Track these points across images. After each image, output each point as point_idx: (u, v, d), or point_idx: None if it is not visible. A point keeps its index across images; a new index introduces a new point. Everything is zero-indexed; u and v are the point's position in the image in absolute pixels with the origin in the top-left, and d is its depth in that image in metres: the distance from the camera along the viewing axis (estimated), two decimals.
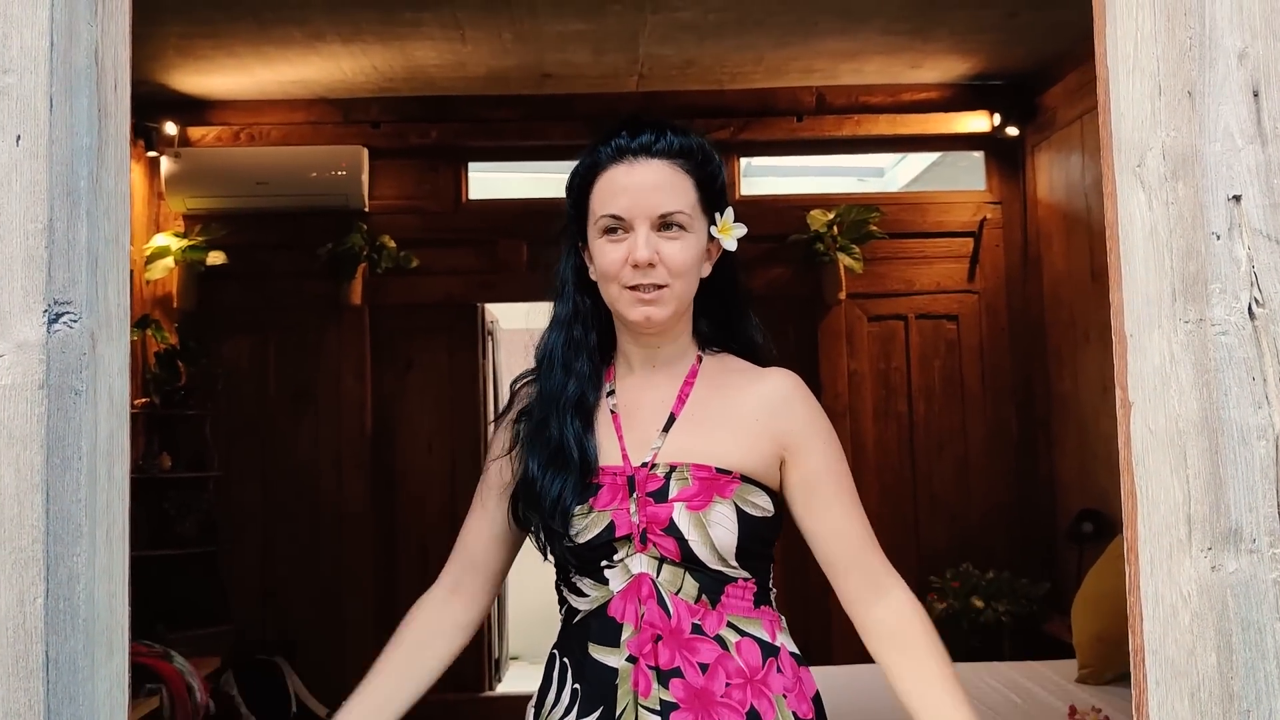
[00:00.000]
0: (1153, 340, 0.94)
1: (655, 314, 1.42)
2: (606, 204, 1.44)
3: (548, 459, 1.43)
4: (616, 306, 1.45)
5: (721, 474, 1.40)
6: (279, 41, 4.18)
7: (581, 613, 1.44)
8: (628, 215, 1.42)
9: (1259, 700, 0.88)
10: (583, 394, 1.46)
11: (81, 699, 0.88)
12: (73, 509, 0.88)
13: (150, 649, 3.70)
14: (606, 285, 1.45)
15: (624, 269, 1.41)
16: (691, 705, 1.35)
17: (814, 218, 4.85)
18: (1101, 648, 3.63)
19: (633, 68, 4.55)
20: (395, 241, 4.86)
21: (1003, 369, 5.05)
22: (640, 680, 1.36)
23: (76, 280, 0.90)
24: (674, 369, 1.49)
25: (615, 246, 1.42)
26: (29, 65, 0.90)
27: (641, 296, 1.41)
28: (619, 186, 1.43)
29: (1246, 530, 0.89)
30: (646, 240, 1.40)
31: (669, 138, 1.45)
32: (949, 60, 4.63)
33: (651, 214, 1.42)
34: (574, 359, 1.48)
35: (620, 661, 1.38)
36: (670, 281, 1.41)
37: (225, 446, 4.84)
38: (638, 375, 1.50)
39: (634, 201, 1.42)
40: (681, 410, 1.46)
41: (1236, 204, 0.92)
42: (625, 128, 1.46)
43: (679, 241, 1.42)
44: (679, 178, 1.44)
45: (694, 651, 1.38)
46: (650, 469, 1.41)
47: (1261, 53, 0.93)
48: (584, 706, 1.39)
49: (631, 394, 1.49)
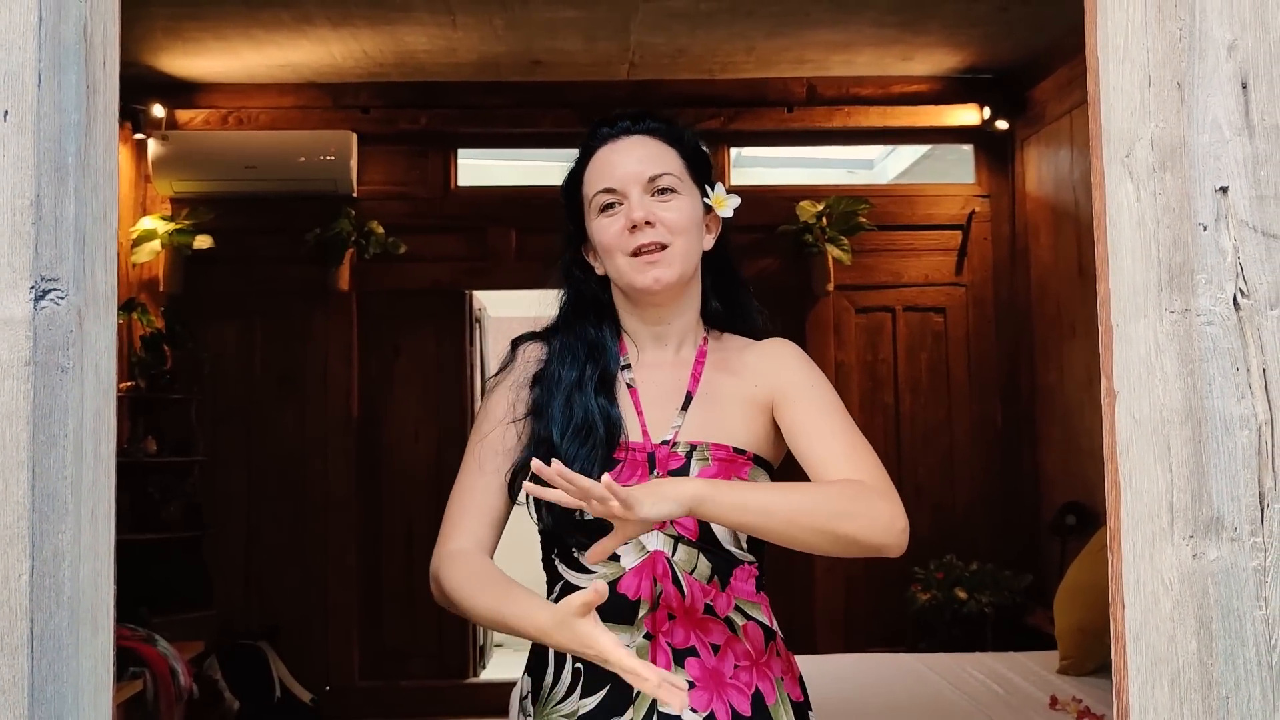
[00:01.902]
0: (1138, 330, 0.95)
1: (663, 275, 1.43)
2: (597, 181, 1.48)
3: (572, 432, 1.43)
4: (625, 278, 1.46)
5: (738, 454, 1.42)
6: (268, 25, 4.16)
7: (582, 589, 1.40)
8: (619, 185, 1.46)
9: (1237, 686, 0.89)
10: (604, 369, 1.48)
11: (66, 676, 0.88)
12: (58, 486, 0.88)
13: (134, 633, 3.69)
14: (612, 260, 1.47)
15: (623, 236, 1.44)
16: (706, 684, 1.36)
17: (803, 209, 4.85)
18: (1083, 639, 3.65)
19: (624, 56, 4.54)
20: (383, 227, 4.85)
21: (989, 362, 5.07)
22: (659, 657, 1.36)
23: (64, 257, 0.89)
24: (685, 348, 1.52)
25: (613, 220, 1.46)
26: (17, 40, 0.89)
27: (646, 259, 1.43)
28: (606, 163, 1.48)
29: (1228, 519, 0.90)
30: (640, 201, 1.44)
31: (647, 120, 1.51)
32: (940, 53, 4.64)
33: (641, 178, 1.45)
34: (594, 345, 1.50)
35: (636, 639, 1.37)
36: (671, 239, 1.44)
37: (211, 431, 4.83)
38: (648, 354, 1.52)
39: (623, 170, 1.46)
40: (697, 389, 1.48)
41: (1223, 195, 0.93)
42: (604, 120, 1.52)
43: (673, 203, 1.46)
44: (662, 148, 1.49)
45: (706, 632, 1.39)
46: (671, 447, 1.43)
47: (1250, 45, 0.93)
48: (589, 686, 1.38)
49: (646, 371, 1.50)
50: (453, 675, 4.96)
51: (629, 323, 1.53)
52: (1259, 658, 0.89)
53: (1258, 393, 0.91)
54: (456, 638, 4.98)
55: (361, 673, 4.89)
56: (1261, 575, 0.90)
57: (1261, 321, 0.91)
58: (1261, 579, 0.90)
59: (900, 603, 4.66)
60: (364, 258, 4.87)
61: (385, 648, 4.91)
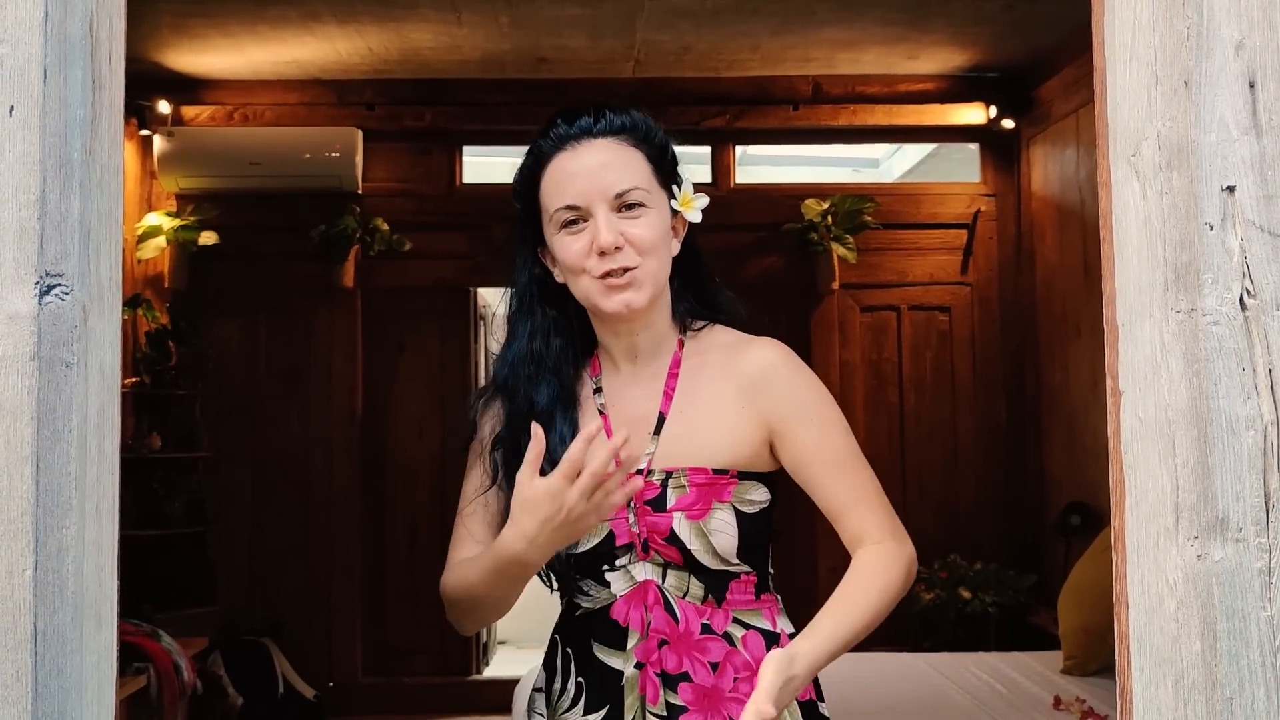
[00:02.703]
0: (1144, 330, 0.94)
1: (633, 299, 1.34)
2: (558, 196, 1.36)
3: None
4: (590, 300, 1.36)
5: (718, 475, 1.36)
6: (274, 21, 4.16)
7: (583, 609, 1.41)
8: (583, 202, 1.34)
9: (1241, 688, 0.89)
10: (554, 407, 1.39)
11: (70, 671, 0.88)
12: (62, 482, 0.88)
13: (138, 628, 3.70)
14: (575, 280, 1.36)
15: (589, 258, 1.33)
16: (700, 706, 1.34)
17: (808, 207, 4.85)
18: (1087, 639, 3.65)
19: (629, 53, 4.54)
20: (388, 224, 4.85)
21: (994, 361, 5.07)
22: (648, 687, 1.34)
23: (69, 252, 0.89)
24: (656, 361, 1.42)
25: (576, 238, 1.34)
26: (23, 35, 0.89)
27: (613, 283, 1.33)
28: (566, 173, 1.35)
29: (1233, 519, 0.90)
30: (608, 223, 1.33)
31: (608, 117, 1.37)
32: (946, 52, 4.63)
33: (607, 194, 1.34)
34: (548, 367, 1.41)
35: (627, 667, 1.35)
36: (640, 261, 1.33)
37: (215, 427, 4.84)
38: (622, 371, 1.43)
39: (587, 185, 1.34)
40: (670, 408, 1.40)
41: (1230, 195, 0.92)
42: (560, 116, 1.39)
43: (642, 219, 1.34)
44: (628, 153, 1.37)
45: (704, 651, 1.36)
46: (646, 476, 1.36)
47: (1259, 44, 0.93)
48: (590, 703, 1.37)
49: (618, 392, 1.43)
50: (455, 672, 4.97)
51: (600, 333, 1.43)
52: (1263, 659, 0.89)
53: (1264, 393, 0.90)
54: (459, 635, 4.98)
55: (364, 669, 4.90)
56: (1267, 576, 0.89)
57: (1268, 321, 0.91)
58: (1266, 580, 0.89)
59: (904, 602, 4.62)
60: (368, 255, 4.88)
61: (388, 644, 4.91)
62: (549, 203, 1.37)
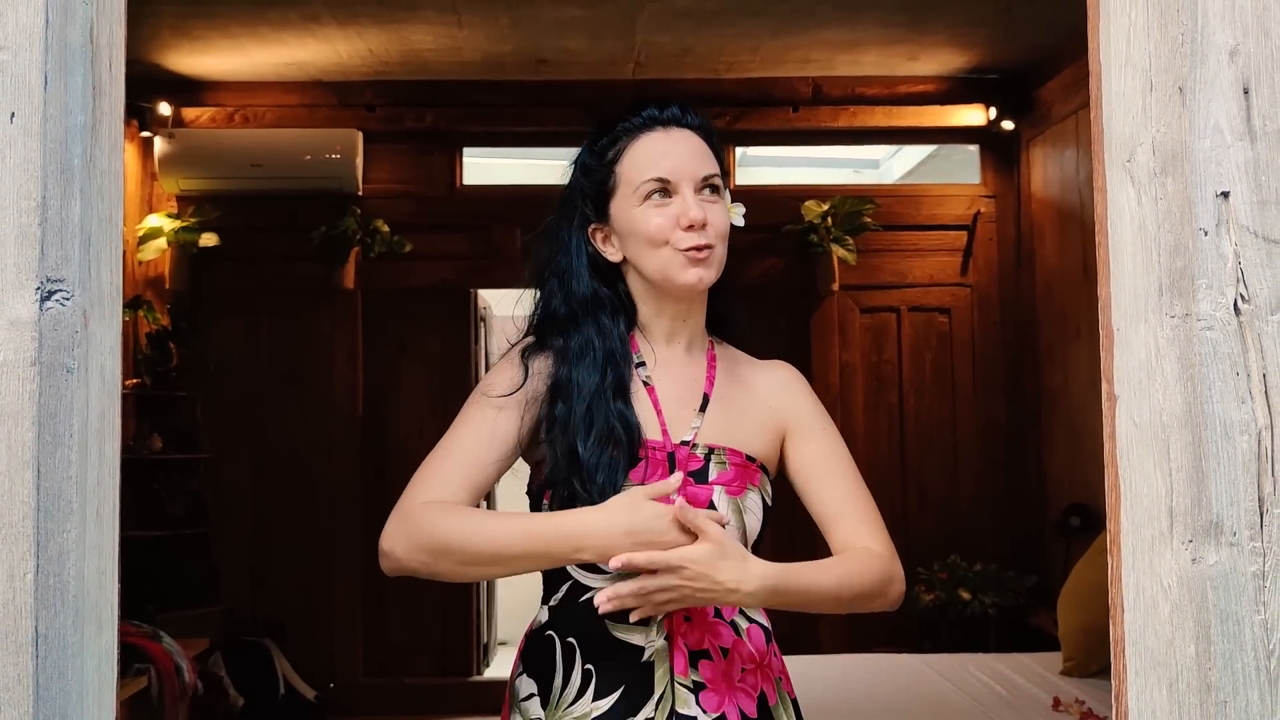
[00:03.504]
0: (1139, 334, 0.95)
1: (706, 275, 1.43)
2: (648, 169, 1.43)
3: (595, 440, 1.40)
4: (667, 271, 1.42)
5: (750, 462, 1.44)
6: (275, 23, 4.17)
7: (594, 590, 1.38)
8: (674, 177, 1.42)
9: (1235, 691, 0.89)
10: (621, 376, 1.45)
11: (70, 674, 0.88)
12: (63, 486, 0.89)
13: (139, 629, 3.70)
14: (654, 251, 1.42)
15: (675, 232, 1.41)
16: (717, 686, 1.38)
17: (808, 208, 4.85)
18: (1086, 640, 3.65)
19: (629, 55, 4.54)
20: (389, 226, 4.86)
21: (994, 363, 5.07)
22: (678, 659, 1.37)
23: (69, 258, 0.90)
24: (695, 350, 1.51)
25: (661, 210, 1.42)
26: (24, 42, 0.90)
27: (695, 257, 1.41)
28: (659, 151, 1.44)
29: (1227, 523, 0.90)
30: (695, 201, 1.42)
31: (692, 113, 1.49)
32: (946, 53, 4.63)
33: (696, 176, 1.43)
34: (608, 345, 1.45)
35: (657, 640, 1.37)
36: (716, 243, 1.43)
37: (216, 428, 4.84)
38: (662, 351, 1.49)
39: (679, 164, 1.43)
40: (713, 392, 1.49)
41: (1225, 200, 0.93)
42: (650, 102, 1.48)
43: (718, 205, 1.45)
44: (705, 148, 1.47)
45: (716, 635, 1.40)
46: (691, 448, 1.43)
47: (1252, 50, 0.94)
48: (602, 687, 1.37)
49: (662, 369, 1.48)
50: (456, 673, 4.98)
51: (646, 315, 1.49)
52: (1257, 662, 0.89)
53: (1258, 398, 0.91)
54: (460, 635, 4.99)
55: (365, 670, 4.91)
56: (1260, 580, 0.90)
57: (1262, 327, 0.91)
58: (1260, 584, 0.90)
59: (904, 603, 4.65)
60: (369, 256, 4.88)
61: (389, 645, 4.92)
62: (635, 175, 1.44)
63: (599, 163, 1.47)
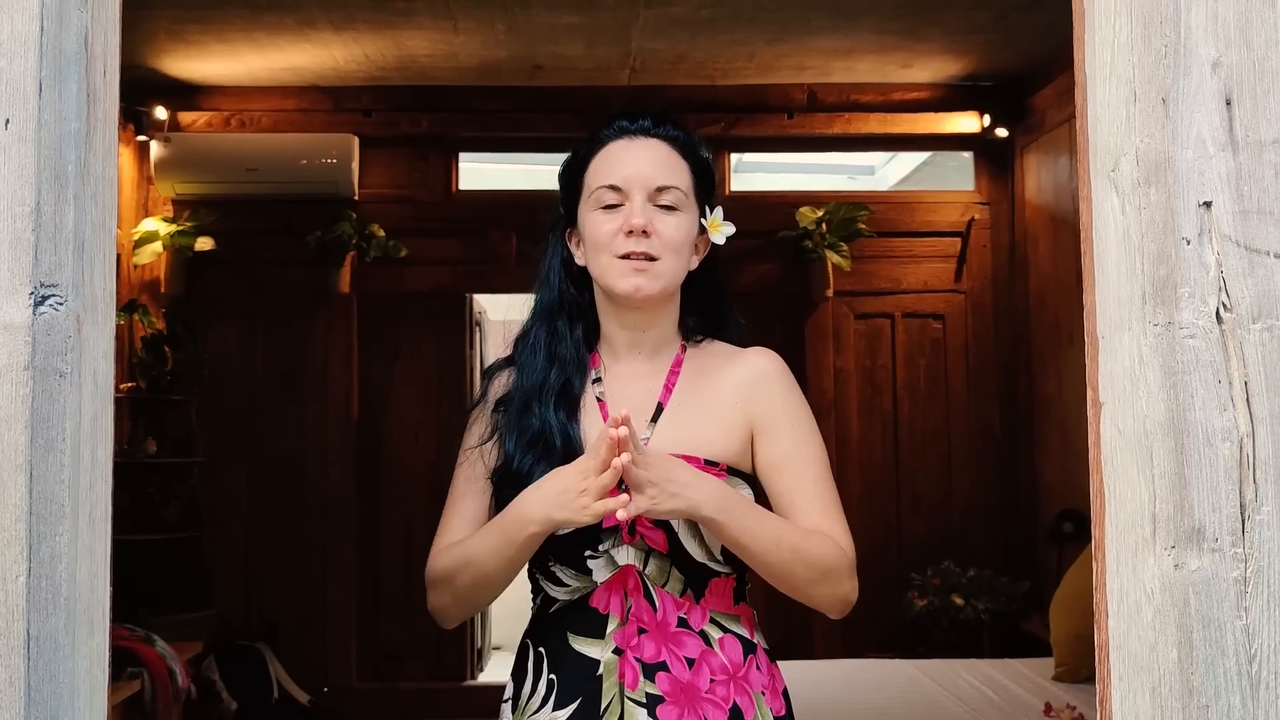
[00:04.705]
0: (1123, 342, 0.96)
1: (645, 285, 1.41)
2: (603, 174, 1.45)
3: (528, 445, 1.42)
4: (606, 278, 1.43)
5: (709, 466, 1.40)
6: (271, 28, 4.18)
7: (559, 602, 1.43)
8: (625, 185, 1.43)
9: (1217, 695, 0.90)
10: (566, 381, 1.45)
11: (62, 676, 0.89)
12: (56, 490, 0.89)
13: (132, 633, 3.70)
14: (597, 256, 1.44)
15: (616, 238, 1.41)
16: (677, 699, 1.35)
17: (803, 215, 4.86)
18: (1078, 646, 3.66)
19: (625, 61, 4.56)
20: (384, 230, 4.87)
21: (987, 369, 5.08)
22: (627, 672, 1.36)
23: (63, 264, 0.91)
24: (659, 357, 1.49)
25: (609, 217, 1.43)
26: (19, 49, 0.91)
27: (634, 265, 1.41)
28: (617, 159, 1.45)
29: (1209, 530, 0.91)
30: (642, 208, 1.42)
31: (667, 125, 1.49)
32: (940, 60, 4.65)
33: (649, 185, 1.43)
34: (557, 346, 1.47)
35: (605, 654, 1.37)
36: (662, 254, 1.42)
37: (211, 432, 4.84)
38: (623, 363, 1.49)
39: (633, 172, 1.44)
40: (669, 400, 1.46)
41: (1207, 210, 0.94)
42: (625, 113, 1.49)
43: (673, 218, 1.43)
44: (675, 159, 1.47)
45: (680, 645, 1.38)
46: None
47: (1235, 62, 0.95)
48: (561, 698, 1.38)
49: (618, 383, 1.47)
50: (450, 677, 4.97)
51: (606, 324, 1.50)
52: (1239, 667, 0.90)
53: (1239, 405, 0.92)
54: (454, 640, 4.99)
55: (359, 674, 4.90)
56: (1242, 586, 0.91)
57: (1244, 335, 0.92)
58: (1242, 589, 0.91)
59: (897, 608, 4.67)
60: (365, 260, 4.89)
61: (383, 649, 4.92)
62: (592, 180, 1.46)
63: (572, 168, 1.51)
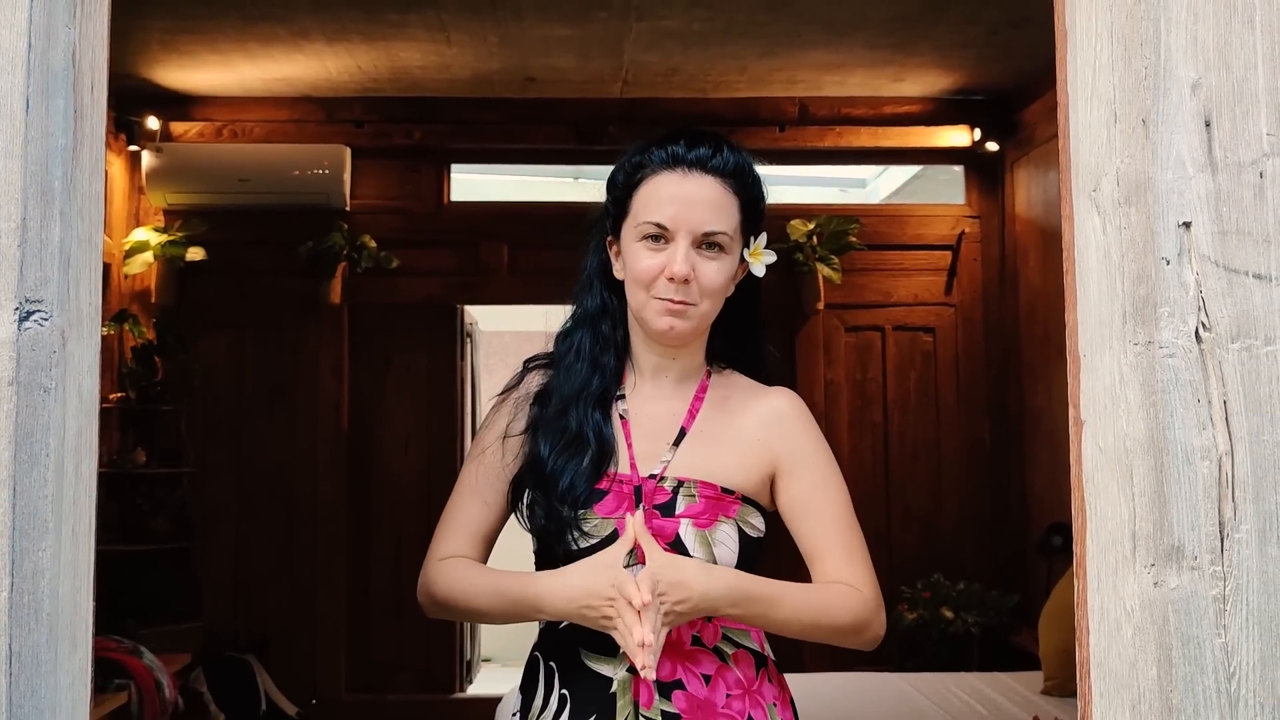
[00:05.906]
0: (1104, 361, 0.97)
1: (680, 326, 1.42)
2: (652, 210, 1.42)
3: (562, 445, 1.42)
4: (642, 313, 1.44)
5: (726, 494, 1.42)
6: (263, 38, 4.18)
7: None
8: (672, 226, 1.41)
9: (1196, 713, 0.91)
10: (606, 389, 1.46)
11: (44, 692, 0.89)
12: (39, 505, 0.89)
13: (120, 644, 3.69)
14: (635, 291, 1.44)
15: (658, 280, 1.40)
16: (694, 716, 1.36)
17: (794, 227, 4.88)
18: (1067, 660, 3.66)
19: (617, 74, 4.57)
20: (376, 241, 4.87)
21: (977, 382, 5.10)
22: (642, 691, 1.36)
23: (48, 279, 0.91)
24: (685, 383, 1.49)
25: (652, 255, 1.41)
26: (6, 66, 0.91)
27: (670, 307, 1.41)
28: (668, 195, 1.42)
29: (1188, 548, 0.92)
30: (686, 255, 1.40)
31: (725, 154, 1.44)
32: (931, 75, 4.67)
33: (696, 230, 1.41)
34: (601, 354, 1.48)
35: (619, 672, 1.37)
36: (699, 300, 1.41)
37: (201, 442, 4.83)
38: (649, 385, 1.49)
39: (681, 214, 1.41)
40: (692, 426, 1.47)
41: (1187, 230, 0.95)
42: (683, 136, 1.44)
43: (716, 263, 1.42)
44: (727, 198, 1.43)
45: (696, 663, 1.39)
46: (658, 481, 1.42)
47: (1214, 84, 0.96)
48: (574, 714, 1.39)
49: (641, 403, 1.48)
50: (440, 690, 4.96)
51: (635, 343, 1.50)
52: (1218, 685, 0.91)
53: (1219, 424, 0.93)
54: (444, 652, 4.98)
55: (348, 686, 4.89)
56: (1221, 604, 0.91)
57: (1223, 354, 0.93)
58: (1221, 607, 0.91)
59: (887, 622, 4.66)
60: (356, 271, 4.89)
61: (372, 661, 4.90)
62: (641, 213, 1.44)
63: (622, 183, 1.47)
